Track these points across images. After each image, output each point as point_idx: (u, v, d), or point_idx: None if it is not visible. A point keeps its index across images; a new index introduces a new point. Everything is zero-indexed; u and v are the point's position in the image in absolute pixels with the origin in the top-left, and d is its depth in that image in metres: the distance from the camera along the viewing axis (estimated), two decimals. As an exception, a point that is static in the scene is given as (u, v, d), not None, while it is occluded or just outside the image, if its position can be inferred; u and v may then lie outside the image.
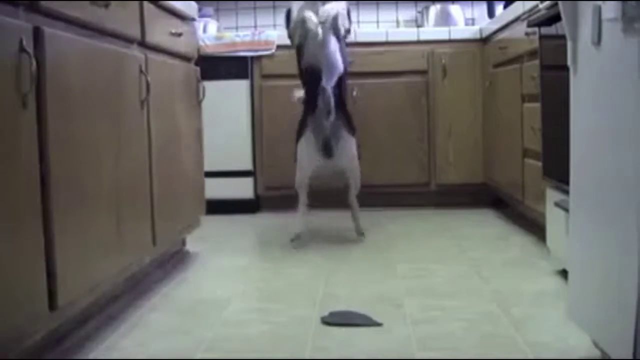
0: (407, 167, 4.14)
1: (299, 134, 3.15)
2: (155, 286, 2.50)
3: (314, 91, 3.06)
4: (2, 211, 1.41)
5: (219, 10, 4.84)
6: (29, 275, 1.52)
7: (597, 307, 1.54)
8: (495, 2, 4.48)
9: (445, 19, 4.56)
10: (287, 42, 3.36)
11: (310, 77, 3.10)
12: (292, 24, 3.17)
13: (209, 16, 4.56)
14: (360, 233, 3.22)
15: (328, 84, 3.05)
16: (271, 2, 4.85)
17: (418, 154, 4.15)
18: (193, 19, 3.02)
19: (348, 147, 3.13)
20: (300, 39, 3.10)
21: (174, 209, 2.63)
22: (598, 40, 1.46)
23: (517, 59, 3.25)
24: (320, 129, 3.07)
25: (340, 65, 3.10)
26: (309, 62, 3.10)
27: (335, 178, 3.20)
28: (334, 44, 3.08)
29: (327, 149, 3.09)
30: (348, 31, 3.20)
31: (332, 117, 3.04)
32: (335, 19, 3.05)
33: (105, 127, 1.96)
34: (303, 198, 3.15)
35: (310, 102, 3.10)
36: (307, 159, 3.11)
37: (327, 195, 3.47)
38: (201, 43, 4.03)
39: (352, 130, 3.16)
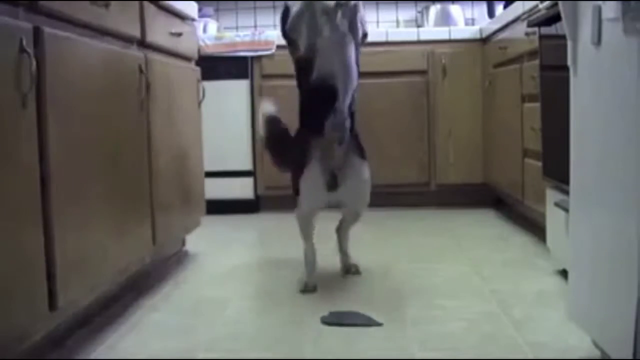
0: (407, 167, 4.14)
1: (301, 163, 2.42)
2: (156, 286, 2.50)
3: (323, 112, 2.39)
4: (2, 211, 1.41)
5: (219, 10, 4.85)
6: (29, 275, 1.52)
7: (597, 307, 1.54)
8: (495, 2, 4.48)
9: (445, 19, 4.56)
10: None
11: (321, 94, 2.38)
12: (292, 18, 2.43)
13: (209, 16, 4.56)
14: (354, 270, 2.59)
15: (344, 103, 2.39)
16: (271, 2, 4.85)
17: (418, 154, 4.15)
18: (193, 19, 3.02)
19: (362, 175, 2.49)
20: (309, 37, 2.37)
21: (174, 209, 2.63)
22: (598, 40, 1.46)
23: (517, 59, 3.25)
24: (328, 159, 2.42)
25: (356, 77, 2.43)
26: (321, 73, 2.37)
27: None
28: (351, 48, 2.40)
29: (334, 182, 2.44)
30: (365, 36, 2.53)
31: (345, 144, 2.44)
32: (355, 9, 2.40)
33: (105, 127, 1.96)
34: (308, 240, 2.50)
35: (317, 125, 2.40)
36: (313, 195, 2.43)
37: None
38: (201, 43, 4.03)
39: (362, 153, 2.53)
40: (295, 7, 2.44)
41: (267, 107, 2.73)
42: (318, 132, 2.40)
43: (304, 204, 2.45)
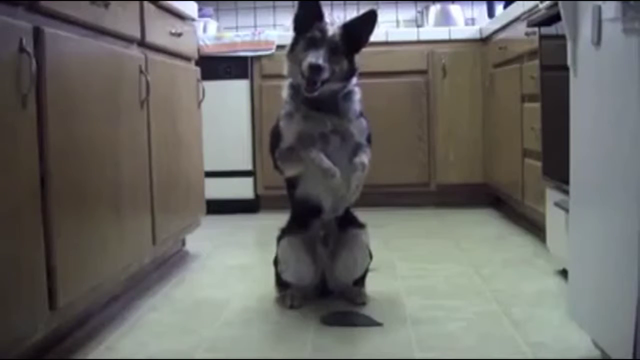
0: (407, 167, 4.14)
1: (281, 235, 2.27)
2: (155, 286, 2.50)
3: (309, 218, 2.21)
4: (2, 211, 1.41)
5: (219, 10, 4.85)
6: (29, 275, 1.52)
7: (597, 307, 1.54)
8: (495, 2, 4.48)
9: (445, 19, 4.56)
10: (288, 41, 2.26)
11: (305, 208, 2.20)
12: (282, 151, 2.15)
13: (209, 16, 4.56)
14: (361, 301, 2.22)
15: (332, 214, 2.20)
16: (271, 2, 4.85)
17: (418, 154, 4.15)
18: (193, 19, 3.02)
19: (356, 248, 2.23)
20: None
21: (174, 209, 2.62)
22: (598, 40, 1.46)
23: (517, 59, 3.25)
24: (315, 253, 2.22)
25: (353, 193, 2.10)
26: (308, 193, 2.17)
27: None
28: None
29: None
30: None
31: (332, 244, 2.23)
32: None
33: (105, 127, 1.96)
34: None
35: (300, 222, 2.23)
36: (295, 269, 2.22)
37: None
38: (201, 43, 4.03)
39: (358, 222, 2.28)
40: (285, 122, 2.25)
41: None
42: (302, 226, 2.22)
43: (284, 270, 2.24)
